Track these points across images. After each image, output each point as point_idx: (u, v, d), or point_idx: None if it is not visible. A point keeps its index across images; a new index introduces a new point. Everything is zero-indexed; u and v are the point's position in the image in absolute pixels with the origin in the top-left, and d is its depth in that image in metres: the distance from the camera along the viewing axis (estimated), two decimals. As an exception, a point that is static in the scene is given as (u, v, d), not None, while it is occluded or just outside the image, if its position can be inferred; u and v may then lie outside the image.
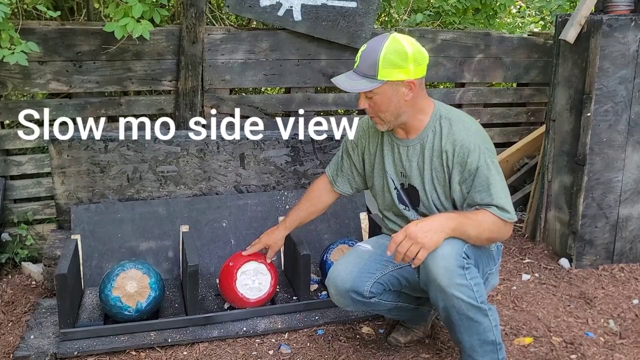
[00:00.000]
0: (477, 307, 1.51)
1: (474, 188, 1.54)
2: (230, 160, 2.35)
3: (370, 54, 1.53)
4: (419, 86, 1.57)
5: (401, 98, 1.56)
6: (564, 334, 1.97)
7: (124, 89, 2.48)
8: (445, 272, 1.47)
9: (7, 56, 1.87)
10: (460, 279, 1.48)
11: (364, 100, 1.59)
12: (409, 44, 1.54)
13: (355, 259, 1.70)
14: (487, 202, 1.52)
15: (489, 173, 1.52)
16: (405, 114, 1.59)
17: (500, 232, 1.55)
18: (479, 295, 1.51)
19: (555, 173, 2.59)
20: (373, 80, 1.52)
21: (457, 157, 1.55)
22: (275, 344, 1.90)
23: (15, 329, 1.97)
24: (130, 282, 1.85)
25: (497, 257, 1.72)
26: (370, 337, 1.95)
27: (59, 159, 2.17)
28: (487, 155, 1.54)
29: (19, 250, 2.40)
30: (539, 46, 3.07)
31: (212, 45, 2.51)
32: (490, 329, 1.55)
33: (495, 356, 1.59)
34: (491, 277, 1.70)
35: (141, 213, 2.21)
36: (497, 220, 1.52)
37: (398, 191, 1.71)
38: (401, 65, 1.51)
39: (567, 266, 2.48)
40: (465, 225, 1.50)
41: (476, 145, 1.53)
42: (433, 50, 2.89)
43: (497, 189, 1.52)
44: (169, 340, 1.84)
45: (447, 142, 1.57)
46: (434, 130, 1.60)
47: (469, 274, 1.50)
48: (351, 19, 2.64)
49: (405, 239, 1.46)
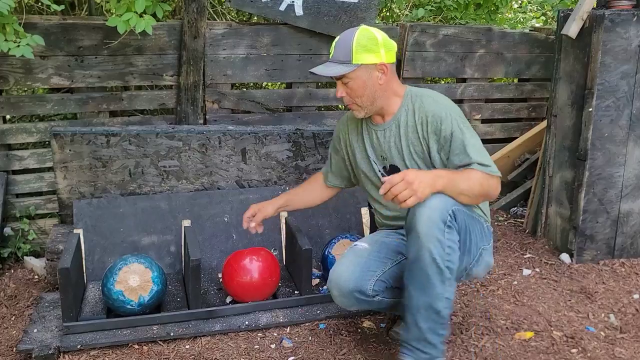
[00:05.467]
0: (440, 269, 1.47)
1: (452, 152, 1.61)
2: (232, 155, 2.35)
3: (343, 42, 1.65)
4: (391, 70, 1.68)
5: (375, 82, 1.65)
6: (564, 329, 1.98)
7: (125, 83, 2.48)
8: (427, 221, 1.46)
9: (12, 49, 1.87)
10: (438, 233, 1.46)
11: (341, 88, 1.68)
12: (378, 32, 1.67)
13: (355, 258, 1.67)
14: (466, 162, 1.58)
15: (463, 136, 1.59)
16: (380, 98, 1.68)
17: (491, 186, 1.59)
18: (448, 259, 1.48)
19: (556, 168, 2.59)
20: (348, 64, 1.62)
21: (430, 127, 1.63)
22: (277, 337, 1.91)
23: (18, 323, 1.98)
24: (133, 276, 1.86)
25: (489, 234, 1.74)
26: (371, 331, 1.96)
27: (61, 154, 2.17)
28: (459, 121, 1.62)
29: (21, 245, 2.41)
30: (541, 41, 3.07)
31: (213, 40, 2.51)
32: (441, 299, 1.50)
33: (436, 327, 1.52)
34: (485, 253, 1.70)
35: (143, 208, 2.22)
36: (483, 174, 1.57)
37: (382, 174, 1.78)
38: (373, 50, 1.63)
39: (568, 261, 2.48)
40: (455, 180, 1.54)
41: (447, 114, 1.62)
42: (434, 45, 2.89)
43: (474, 149, 1.59)
44: (171, 334, 1.85)
45: (420, 115, 1.66)
46: (407, 109, 1.70)
47: (449, 234, 1.48)
48: (353, 13, 2.63)
49: (402, 182, 1.45)
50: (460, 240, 1.54)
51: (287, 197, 1.99)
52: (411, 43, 2.85)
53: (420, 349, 1.53)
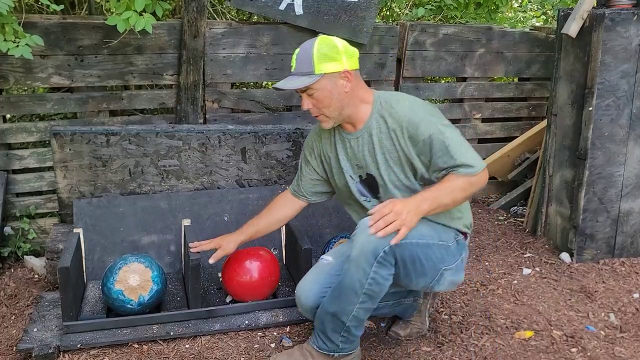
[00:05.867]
0: (356, 293, 1.57)
1: (434, 155, 1.59)
2: (232, 154, 2.35)
3: (304, 53, 1.62)
4: (355, 77, 1.64)
5: (341, 90, 1.62)
6: (564, 328, 1.98)
7: (125, 83, 2.48)
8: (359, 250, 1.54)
9: (11, 49, 1.87)
10: (365, 264, 1.53)
11: (306, 100, 1.64)
12: (338, 40, 1.65)
13: (315, 275, 1.74)
14: (450, 164, 1.57)
15: (443, 137, 1.57)
16: (348, 106, 1.65)
17: (474, 185, 1.59)
18: (369, 289, 1.56)
19: (556, 167, 2.59)
20: (311, 75, 1.59)
21: (406, 134, 1.61)
22: (277, 337, 1.91)
23: (18, 322, 1.98)
24: (133, 276, 1.86)
25: (457, 253, 1.71)
26: (371, 331, 1.96)
27: (61, 153, 2.17)
28: (435, 122, 1.60)
29: (22, 244, 2.41)
30: (541, 40, 3.07)
31: (213, 39, 2.51)
32: (349, 314, 1.60)
33: (339, 330, 1.63)
34: (449, 273, 1.68)
35: (143, 207, 2.22)
36: (466, 178, 1.57)
37: (357, 184, 1.76)
38: (334, 57, 1.60)
39: (568, 260, 2.48)
40: (439, 198, 1.57)
41: (421, 117, 1.60)
42: (434, 44, 2.88)
43: (456, 148, 1.57)
44: (171, 334, 1.85)
45: (393, 122, 1.63)
46: (378, 116, 1.66)
47: (377, 267, 1.54)
48: (353, 13, 2.63)
49: (392, 213, 1.52)
50: (400, 273, 1.59)
51: (254, 224, 1.90)
52: (411, 42, 2.84)
53: (322, 340, 1.67)
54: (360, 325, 1.66)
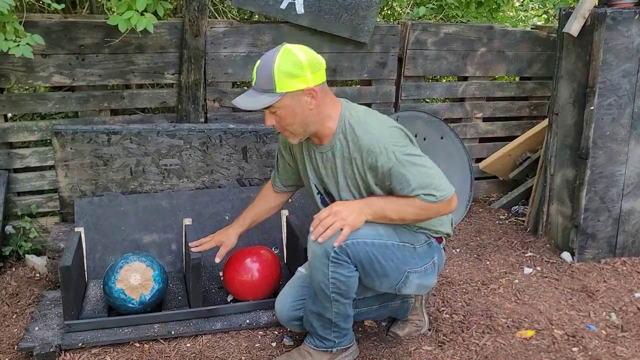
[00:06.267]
0: (326, 294, 1.59)
1: (394, 186, 1.55)
2: (233, 153, 2.35)
3: (264, 68, 1.51)
4: (321, 92, 1.55)
5: (305, 107, 1.54)
6: (565, 327, 1.98)
7: (126, 82, 2.48)
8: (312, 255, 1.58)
9: (12, 48, 1.87)
10: (322, 267, 1.56)
11: (269, 117, 1.57)
12: (302, 52, 1.53)
13: (289, 289, 1.79)
14: (407, 193, 1.54)
15: (403, 169, 1.51)
16: (313, 123, 1.58)
17: (432, 211, 1.56)
18: (335, 289, 1.58)
19: (557, 167, 2.58)
20: (272, 94, 1.50)
21: (366, 164, 1.56)
22: (278, 336, 1.91)
23: (20, 321, 1.98)
24: (134, 275, 1.86)
25: (426, 256, 1.68)
26: (372, 330, 1.96)
27: (63, 152, 2.17)
28: (396, 152, 1.52)
29: (23, 243, 2.41)
30: (542, 40, 3.06)
31: (214, 38, 2.51)
32: (330, 311, 1.64)
33: (328, 326, 1.67)
34: (414, 276, 1.66)
35: (144, 206, 2.22)
36: (423, 204, 1.53)
37: (321, 195, 1.75)
38: (297, 75, 1.50)
39: (569, 260, 2.48)
40: (384, 209, 1.56)
41: (381, 147, 1.52)
42: (436, 43, 2.88)
43: (417, 178, 1.52)
44: (172, 333, 1.85)
45: (354, 149, 1.57)
46: (341, 138, 1.60)
47: (334, 267, 1.55)
48: (354, 12, 2.63)
49: (330, 215, 1.54)
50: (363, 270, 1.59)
51: (249, 214, 1.92)
52: (412, 41, 2.84)
53: (317, 339, 1.71)
54: (347, 319, 1.68)
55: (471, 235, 2.79)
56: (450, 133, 2.95)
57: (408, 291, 1.69)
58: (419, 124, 2.89)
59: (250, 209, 1.96)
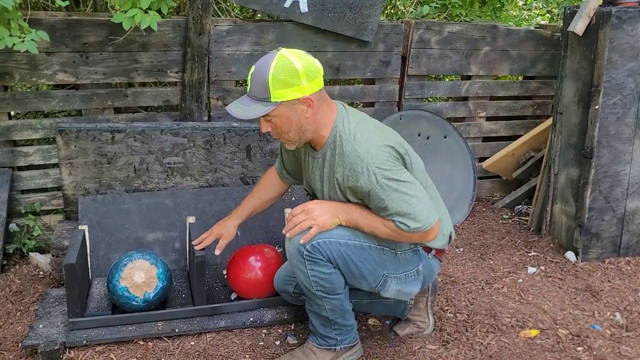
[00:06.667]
0: (312, 292, 1.62)
1: (372, 206, 1.54)
2: (237, 152, 2.35)
3: (259, 75, 1.47)
4: (317, 100, 1.51)
5: (301, 116, 1.51)
6: (570, 327, 1.97)
7: (130, 80, 2.48)
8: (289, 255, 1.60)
9: (17, 44, 1.87)
10: (300, 265, 1.58)
11: (265, 124, 1.55)
12: (298, 59, 1.47)
13: (288, 264, 1.83)
14: (384, 215, 1.52)
15: (382, 193, 1.48)
16: (308, 131, 1.56)
17: (404, 237, 1.54)
18: (317, 287, 1.59)
19: (561, 166, 2.58)
20: (267, 103, 1.47)
21: (347, 182, 1.54)
22: (282, 334, 1.91)
23: (24, 319, 1.98)
24: (138, 273, 1.86)
25: (409, 263, 1.65)
26: (376, 328, 1.96)
27: (67, 150, 2.17)
28: (377, 175, 1.47)
29: (27, 241, 2.41)
30: (546, 39, 3.05)
31: (218, 36, 2.51)
32: (324, 309, 1.65)
33: (328, 324, 1.68)
34: (393, 281, 1.63)
35: (148, 204, 2.22)
36: (397, 229, 1.51)
37: (310, 198, 1.76)
38: (293, 83, 1.46)
39: (573, 259, 2.47)
40: (359, 221, 1.56)
41: (364, 167, 1.48)
42: (439, 42, 2.88)
43: (395, 205, 1.48)
44: (176, 330, 1.85)
45: (339, 162, 1.55)
46: (331, 147, 1.57)
47: (311, 265, 1.56)
48: (358, 10, 2.62)
49: (302, 213, 1.55)
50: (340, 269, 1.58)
51: (249, 205, 1.90)
52: (416, 40, 2.84)
53: (320, 337, 1.72)
54: (344, 315, 1.67)
55: (474, 234, 2.79)
56: (454, 132, 2.94)
57: (387, 295, 1.67)
58: (423, 123, 2.89)
59: (250, 199, 1.92)
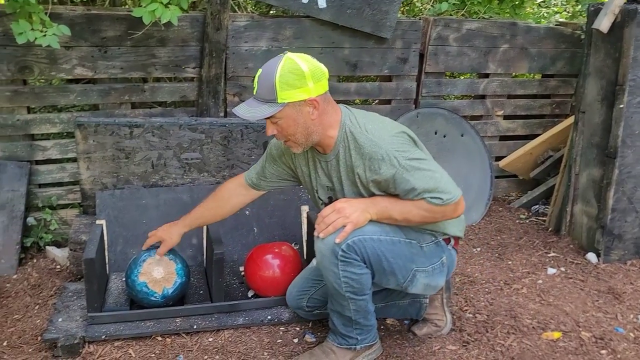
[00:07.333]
0: (340, 293, 1.60)
1: (399, 191, 1.53)
2: (254, 148, 2.34)
3: (266, 78, 1.49)
4: (323, 103, 1.53)
5: (307, 118, 1.52)
6: (593, 329, 1.94)
7: (147, 75, 2.47)
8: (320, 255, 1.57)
9: (39, 38, 1.87)
10: (332, 266, 1.56)
11: (270, 127, 1.55)
12: (304, 62, 1.50)
13: (297, 279, 1.90)
14: (413, 196, 1.51)
15: (407, 174, 1.49)
16: (315, 133, 1.56)
17: (438, 214, 1.54)
18: (347, 288, 1.58)
19: (583, 166, 2.54)
20: (273, 104, 1.48)
21: (368, 172, 1.53)
22: (300, 332, 1.89)
23: (42, 312, 1.98)
24: (157, 268, 1.85)
25: (434, 255, 1.65)
26: (395, 328, 1.94)
27: (85, 144, 2.17)
28: (398, 157, 1.49)
29: (43, 235, 2.42)
30: (567, 36, 3.01)
31: (236, 32, 2.49)
32: (349, 310, 1.63)
33: (349, 324, 1.67)
34: (422, 275, 1.64)
35: (165, 200, 2.21)
36: (430, 206, 1.51)
37: (323, 205, 1.72)
38: (299, 85, 1.48)
39: (594, 261, 2.43)
40: (390, 210, 1.55)
41: (384, 153, 1.50)
42: (457, 40, 2.84)
43: (422, 182, 1.49)
44: (194, 327, 1.84)
45: (357, 157, 1.55)
46: (343, 145, 1.57)
47: (344, 265, 1.55)
48: (376, 6, 2.60)
49: (333, 212, 1.54)
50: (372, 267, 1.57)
51: (199, 215, 1.84)
52: (434, 37, 2.80)
53: (340, 336, 1.71)
54: (367, 315, 1.66)
55: (491, 234, 2.76)
56: (471, 130, 2.91)
57: (415, 290, 1.67)
58: (440, 121, 2.85)
59: (204, 209, 1.84)
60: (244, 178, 1.85)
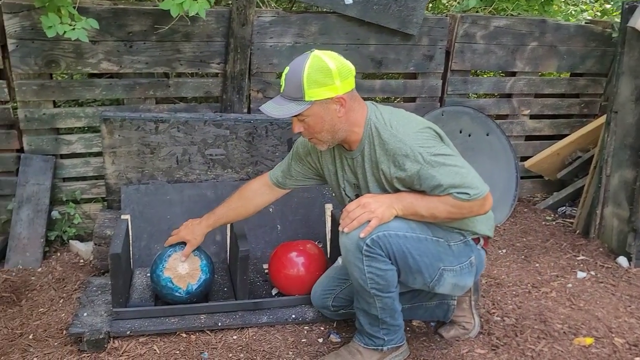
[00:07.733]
0: (365, 290, 1.57)
1: (424, 187, 1.51)
2: (278, 145, 2.32)
3: (293, 76, 1.49)
4: (349, 100, 1.53)
5: (334, 115, 1.52)
6: (626, 336, 1.88)
7: (172, 70, 2.46)
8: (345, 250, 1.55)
9: (68, 32, 1.87)
10: (356, 261, 1.54)
11: (297, 124, 1.55)
12: (331, 60, 1.50)
13: (323, 279, 1.88)
14: (439, 192, 1.49)
15: (432, 170, 1.47)
16: (341, 130, 1.56)
17: (465, 210, 1.50)
18: (372, 284, 1.55)
19: (615, 167, 2.47)
20: (301, 102, 1.49)
21: (392, 168, 1.52)
22: (325, 332, 1.87)
23: (67, 306, 1.99)
24: (182, 264, 1.84)
25: (462, 254, 1.62)
26: (421, 330, 1.90)
27: (111, 139, 2.17)
28: (423, 153, 1.48)
29: (67, 229, 2.43)
30: (597, 35, 2.93)
31: (261, 28, 2.47)
32: (375, 308, 1.61)
33: (376, 323, 1.64)
34: (449, 275, 1.61)
35: (190, 195, 2.20)
36: (457, 202, 1.48)
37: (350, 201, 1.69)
38: (326, 83, 1.48)
39: (625, 265, 2.37)
40: (414, 205, 1.53)
41: (408, 149, 1.49)
42: (485, 37, 2.78)
43: (448, 178, 1.47)
44: (219, 324, 1.83)
45: (381, 152, 1.54)
46: (369, 141, 1.57)
47: (368, 261, 1.53)
48: (403, 3, 2.55)
49: (358, 207, 1.52)
50: (397, 264, 1.55)
51: (223, 215, 1.83)
52: (461, 34, 2.75)
53: (367, 336, 1.68)
54: (394, 314, 1.63)
55: (517, 235, 2.70)
56: (497, 130, 2.85)
57: (442, 290, 1.64)
58: (465, 120, 2.80)
59: (228, 208, 1.83)
60: (269, 177, 1.85)
